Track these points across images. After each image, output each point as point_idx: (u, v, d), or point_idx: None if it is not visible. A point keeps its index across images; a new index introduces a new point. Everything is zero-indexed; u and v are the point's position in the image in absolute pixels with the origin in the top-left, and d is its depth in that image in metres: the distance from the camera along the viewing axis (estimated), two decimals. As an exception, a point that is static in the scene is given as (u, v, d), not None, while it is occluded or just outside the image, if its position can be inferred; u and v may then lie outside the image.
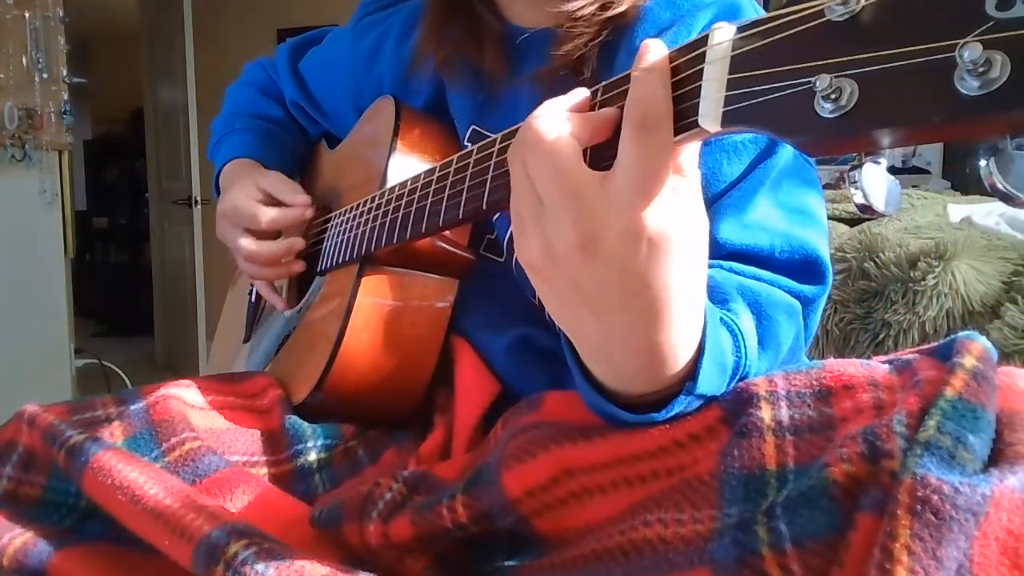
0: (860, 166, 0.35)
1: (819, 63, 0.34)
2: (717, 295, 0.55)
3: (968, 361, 0.42)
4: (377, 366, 0.71)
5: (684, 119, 0.40)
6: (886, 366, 0.45)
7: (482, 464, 0.53)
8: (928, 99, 0.30)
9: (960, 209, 1.60)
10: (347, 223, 0.78)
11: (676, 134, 0.40)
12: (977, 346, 0.44)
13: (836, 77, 0.33)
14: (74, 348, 2.96)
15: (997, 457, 0.39)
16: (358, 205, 0.76)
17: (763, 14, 0.70)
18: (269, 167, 0.94)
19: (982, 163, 0.32)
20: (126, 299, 5.42)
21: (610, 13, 0.66)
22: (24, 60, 2.64)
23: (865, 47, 0.32)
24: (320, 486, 0.67)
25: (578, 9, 0.66)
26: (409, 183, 0.67)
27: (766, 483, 0.42)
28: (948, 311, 1.29)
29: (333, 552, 0.54)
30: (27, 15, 2.62)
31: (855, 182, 0.35)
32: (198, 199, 3.74)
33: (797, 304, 0.60)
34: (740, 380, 0.51)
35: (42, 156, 2.72)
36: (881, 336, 1.36)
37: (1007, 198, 0.32)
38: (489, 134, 0.74)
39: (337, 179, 0.91)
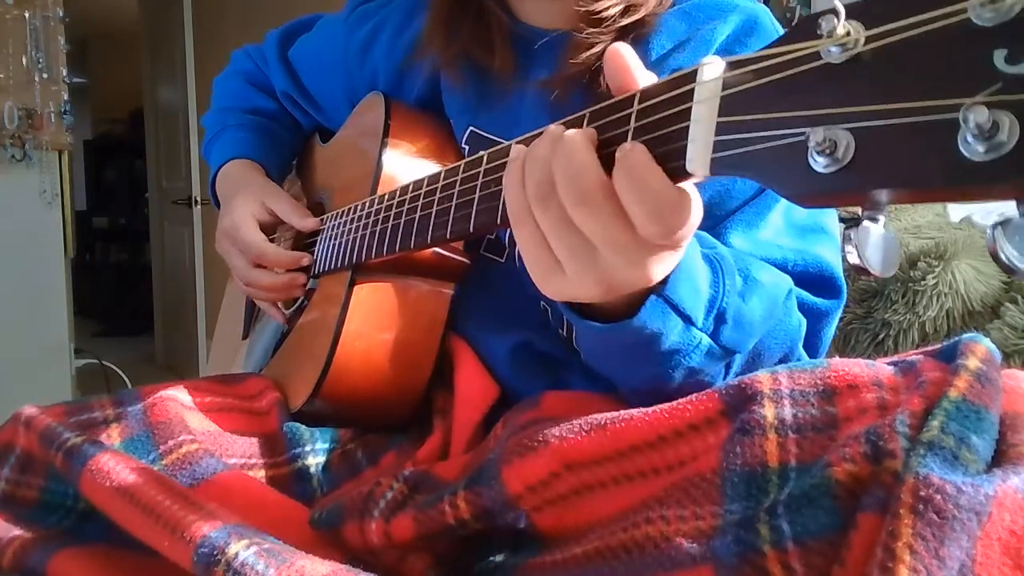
0: (857, 224, 0.32)
1: (812, 113, 0.32)
2: (707, 242, 0.56)
3: (972, 363, 0.42)
4: (373, 373, 0.71)
5: (671, 161, 0.39)
6: (891, 367, 0.45)
7: (483, 461, 0.53)
8: (929, 161, 0.28)
9: (960, 209, 1.59)
10: (339, 228, 0.76)
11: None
12: (981, 348, 0.44)
13: (831, 129, 0.31)
14: (74, 348, 2.96)
15: (1000, 458, 0.39)
16: (349, 210, 0.75)
17: (780, 30, 0.67)
18: (267, 166, 0.92)
19: (987, 231, 0.29)
20: (126, 299, 5.43)
21: (630, 20, 0.65)
22: (24, 60, 2.63)
23: (862, 97, 0.30)
24: (318, 489, 0.67)
25: (604, 9, 0.64)
26: (411, 189, 0.64)
27: (768, 480, 0.42)
28: (948, 311, 1.28)
29: (333, 553, 0.54)
30: (27, 15, 2.62)
31: (850, 240, 0.33)
32: (198, 199, 3.73)
33: (786, 283, 0.59)
34: (717, 315, 0.52)
35: (42, 156, 2.72)
36: (881, 336, 1.35)
37: (1010, 270, 0.29)
38: (487, 135, 0.73)
39: (329, 177, 0.90)
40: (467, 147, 0.75)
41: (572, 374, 0.70)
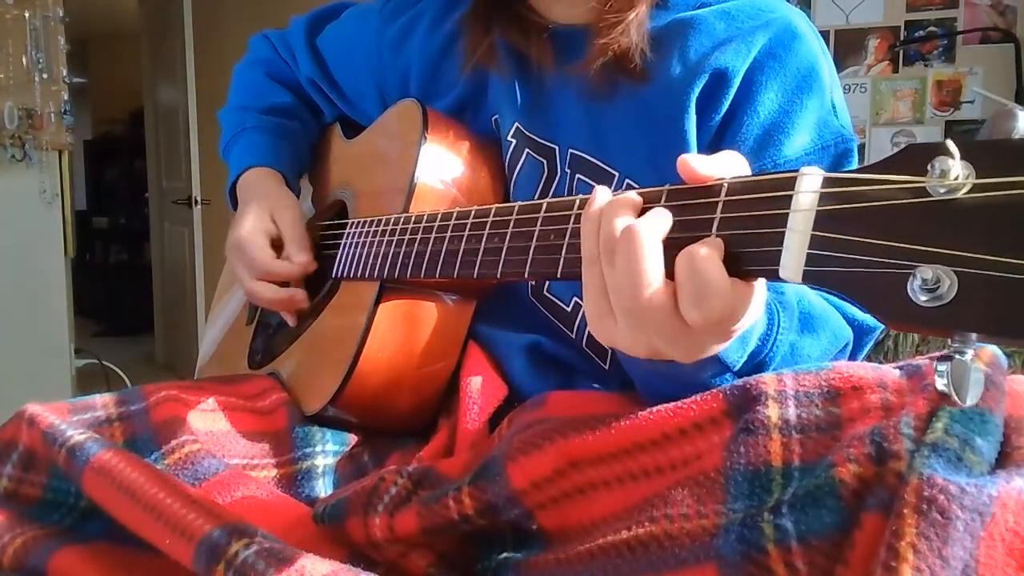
0: (949, 359, 0.33)
1: (920, 249, 0.32)
2: (776, 285, 0.56)
3: (978, 367, 0.42)
4: (392, 385, 0.71)
5: (762, 264, 0.39)
6: (896, 371, 0.46)
7: (488, 458, 0.53)
8: None
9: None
10: (370, 236, 0.75)
11: (754, 276, 0.40)
12: (987, 352, 0.44)
13: (938, 268, 0.31)
14: (74, 348, 2.96)
15: (1004, 461, 0.39)
16: (384, 221, 0.73)
17: (818, 35, 0.67)
18: (286, 171, 0.91)
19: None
20: (126, 299, 5.42)
21: None
22: (24, 60, 2.63)
23: (969, 241, 0.30)
24: (323, 490, 0.67)
25: None
26: (455, 217, 0.63)
27: (771, 480, 0.42)
28: (949, 311, 1.28)
29: (335, 551, 0.54)
30: (27, 15, 2.62)
31: (943, 374, 0.33)
32: (198, 199, 3.73)
33: (845, 336, 0.60)
34: (757, 364, 0.52)
35: (42, 156, 2.72)
36: (881, 336, 1.35)
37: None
38: (531, 135, 0.74)
39: (353, 176, 0.89)
40: (512, 141, 0.75)
41: (583, 377, 0.71)
